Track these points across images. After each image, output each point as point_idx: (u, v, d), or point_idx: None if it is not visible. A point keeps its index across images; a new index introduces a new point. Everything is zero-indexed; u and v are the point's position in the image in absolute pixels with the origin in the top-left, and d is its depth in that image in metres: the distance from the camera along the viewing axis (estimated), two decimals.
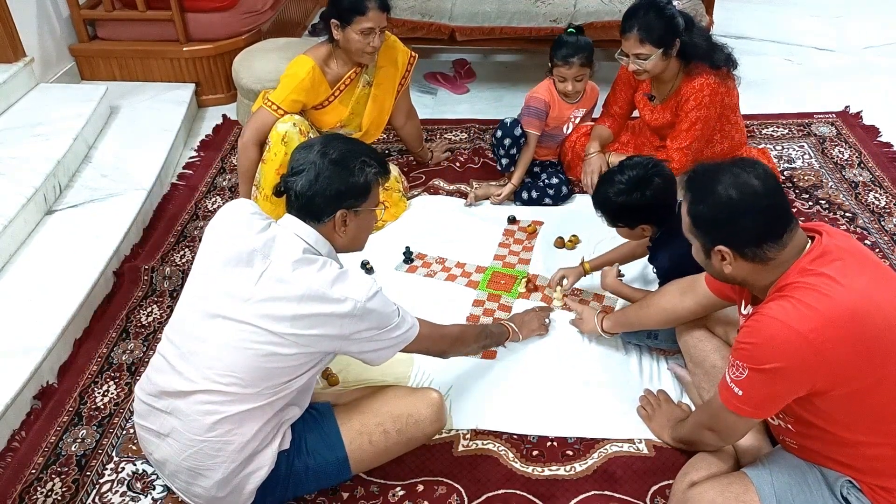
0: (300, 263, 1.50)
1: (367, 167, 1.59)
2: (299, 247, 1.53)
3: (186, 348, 1.54)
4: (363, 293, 1.50)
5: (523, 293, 2.35)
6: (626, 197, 1.91)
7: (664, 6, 2.35)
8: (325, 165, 1.55)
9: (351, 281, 1.52)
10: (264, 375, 1.50)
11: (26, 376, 1.99)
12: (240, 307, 1.50)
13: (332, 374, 2.04)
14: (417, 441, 1.79)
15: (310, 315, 1.48)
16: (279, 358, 1.50)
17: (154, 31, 3.50)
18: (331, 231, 1.60)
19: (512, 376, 2.05)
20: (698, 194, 1.43)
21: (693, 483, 1.56)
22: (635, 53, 2.38)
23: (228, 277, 1.52)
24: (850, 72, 3.75)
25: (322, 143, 1.60)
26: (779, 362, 1.32)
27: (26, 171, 2.62)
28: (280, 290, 1.48)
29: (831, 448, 1.44)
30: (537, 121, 2.69)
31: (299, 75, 2.46)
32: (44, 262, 2.40)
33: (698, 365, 1.86)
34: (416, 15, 3.36)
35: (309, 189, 1.55)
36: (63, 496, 1.79)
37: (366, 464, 1.73)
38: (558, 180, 2.76)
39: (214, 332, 1.51)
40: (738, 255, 1.39)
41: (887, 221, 2.63)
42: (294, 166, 1.58)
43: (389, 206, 2.70)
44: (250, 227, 1.57)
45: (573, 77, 2.59)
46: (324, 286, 1.48)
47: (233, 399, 1.50)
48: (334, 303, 1.48)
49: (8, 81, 3.01)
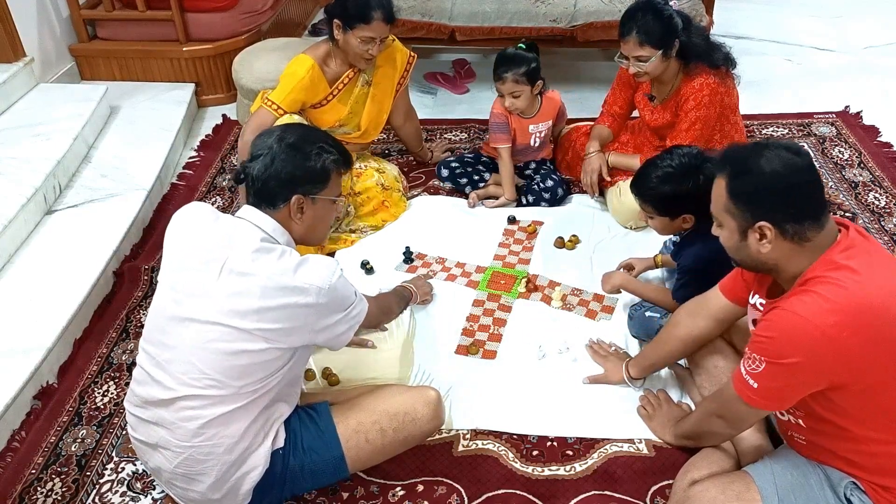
0: (259, 253, 1.48)
1: (325, 153, 1.59)
2: (257, 236, 1.52)
3: (161, 357, 1.53)
4: (325, 278, 1.49)
5: (523, 293, 2.35)
6: (676, 185, 1.87)
7: (662, 7, 2.34)
8: (280, 149, 1.55)
9: (312, 266, 1.50)
10: (239, 374, 1.49)
11: (26, 376, 2.00)
12: (205, 306, 1.48)
13: (333, 374, 2.04)
14: (415, 439, 1.78)
15: (274, 308, 1.46)
16: (250, 354, 1.48)
17: (154, 31, 3.50)
18: (287, 218, 1.58)
19: (512, 376, 2.05)
20: (739, 168, 1.38)
21: (694, 481, 1.56)
22: (635, 56, 2.37)
23: (191, 278, 1.51)
24: (850, 72, 3.75)
25: (281, 129, 1.61)
26: (797, 357, 1.31)
27: (26, 171, 2.62)
28: (241, 283, 1.47)
29: (839, 444, 1.43)
30: (503, 134, 2.70)
31: (299, 74, 2.46)
32: (44, 262, 2.40)
33: (699, 365, 1.86)
34: (416, 15, 3.36)
35: (264, 172, 1.54)
36: (63, 496, 1.79)
37: (363, 462, 1.72)
38: (553, 182, 2.76)
39: (184, 336, 1.49)
40: (778, 233, 1.36)
41: (887, 221, 2.63)
42: (253, 152, 1.58)
43: (389, 206, 2.70)
44: (206, 223, 1.57)
45: (508, 92, 2.59)
46: (285, 275, 1.47)
47: (213, 402, 1.49)
48: (297, 293, 1.47)
49: (8, 81, 3.01)
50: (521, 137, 2.74)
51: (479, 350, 2.15)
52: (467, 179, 2.83)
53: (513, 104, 2.61)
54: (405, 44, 2.75)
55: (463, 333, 2.21)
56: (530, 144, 2.77)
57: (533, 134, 2.74)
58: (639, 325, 2.11)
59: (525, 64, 2.55)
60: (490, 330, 2.22)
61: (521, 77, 2.55)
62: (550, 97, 2.74)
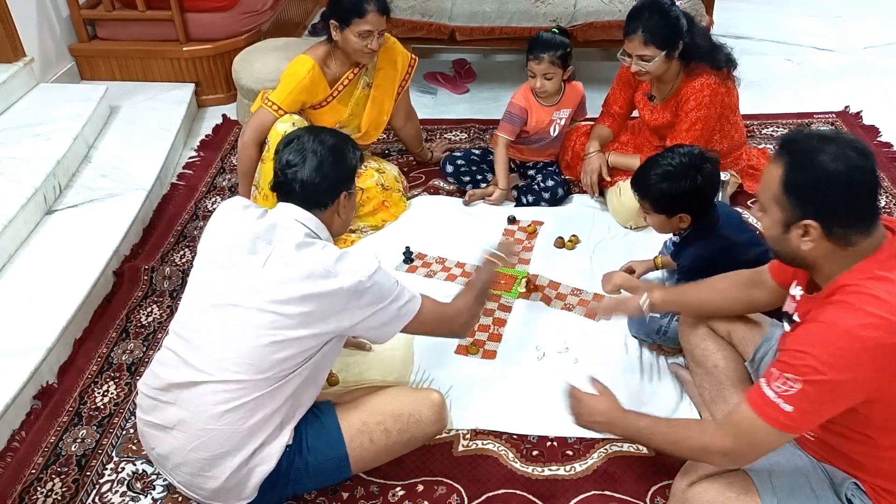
0: (303, 246, 1.55)
1: (356, 150, 1.72)
2: (301, 231, 1.58)
3: (197, 341, 1.56)
4: (366, 269, 1.55)
5: (523, 293, 2.35)
6: (675, 182, 1.87)
7: (669, 7, 2.34)
8: (325, 152, 1.63)
9: (353, 258, 1.57)
10: (273, 361, 1.52)
11: (26, 376, 1.99)
12: (248, 295, 1.53)
13: (333, 374, 2.04)
14: (418, 441, 1.79)
15: (316, 294, 1.51)
16: (289, 342, 1.52)
17: (154, 31, 3.50)
18: (331, 215, 1.67)
19: (512, 376, 2.05)
20: (800, 160, 1.29)
21: (693, 482, 1.56)
22: (639, 55, 2.37)
23: (233, 267, 1.56)
24: (850, 72, 3.75)
25: (312, 133, 1.68)
26: (838, 374, 1.23)
27: (26, 171, 2.62)
28: (286, 272, 1.52)
29: (854, 447, 1.40)
30: (511, 126, 2.73)
31: (300, 74, 2.46)
32: (44, 262, 2.40)
33: (700, 364, 1.85)
34: (416, 15, 3.36)
35: (316, 176, 1.61)
36: (63, 496, 1.79)
37: (366, 462, 1.73)
38: (554, 182, 2.76)
39: (224, 323, 1.54)
40: (824, 234, 1.28)
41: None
42: (290, 159, 1.63)
43: (389, 206, 2.70)
44: (248, 217, 1.62)
45: (542, 73, 2.61)
46: (328, 263, 1.53)
47: (242, 388, 1.52)
48: (339, 277, 1.52)
49: (8, 81, 3.01)
50: (541, 124, 2.75)
51: (479, 350, 2.15)
52: (470, 178, 2.83)
53: (543, 86, 2.63)
54: (405, 44, 2.75)
55: None
56: (550, 133, 2.78)
57: (554, 121, 2.75)
58: (639, 324, 2.11)
59: (562, 48, 2.59)
60: (490, 330, 2.22)
61: (557, 59, 2.59)
62: (574, 86, 2.77)
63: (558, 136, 2.80)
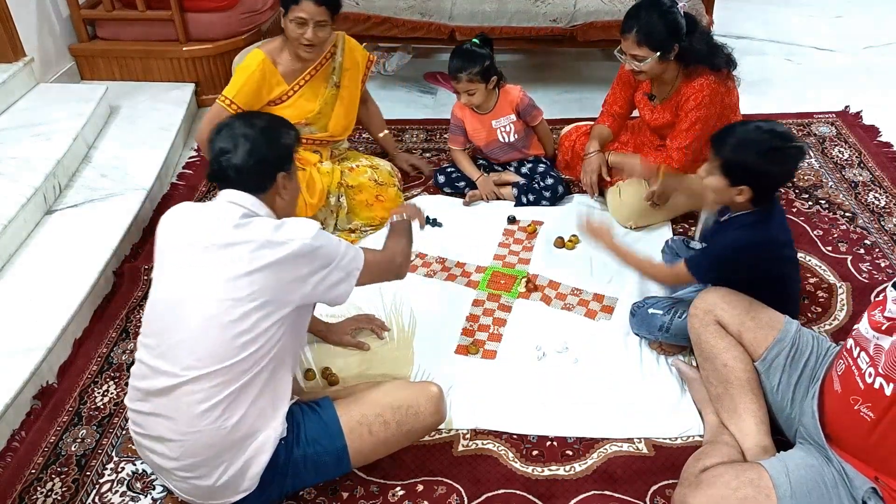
0: (241, 225, 1.55)
1: (290, 130, 1.72)
2: (237, 212, 1.58)
3: (162, 346, 1.55)
4: (308, 231, 1.56)
5: (523, 293, 2.35)
6: (757, 151, 1.77)
7: (667, 9, 2.33)
8: (257, 134, 1.62)
9: (294, 223, 1.58)
10: (241, 346, 1.51)
11: (26, 376, 1.99)
12: (198, 285, 1.53)
13: (333, 374, 2.04)
14: (416, 434, 1.77)
15: (263, 266, 1.51)
16: (250, 323, 1.51)
17: (154, 31, 3.50)
18: (272, 198, 1.66)
19: (512, 376, 2.05)
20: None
21: (706, 468, 1.56)
22: (632, 54, 2.38)
23: (180, 264, 1.57)
24: (850, 72, 3.75)
25: (243, 118, 1.68)
26: None
27: (26, 171, 2.62)
28: (228, 254, 1.52)
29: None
30: (455, 137, 2.82)
31: (250, 67, 2.47)
32: (44, 262, 2.40)
33: (708, 360, 1.82)
34: (415, 15, 3.36)
35: (249, 160, 1.60)
36: (63, 496, 1.79)
37: (365, 455, 1.71)
38: (553, 180, 2.76)
39: (184, 319, 1.53)
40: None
41: (887, 221, 2.63)
42: (222, 146, 1.61)
43: (385, 201, 2.70)
44: (190, 215, 1.64)
45: (463, 90, 2.65)
46: (268, 234, 1.54)
47: (217, 383, 1.50)
48: (283, 245, 1.53)
49: (8, 81, 3.01)
50: (487, 134, 2.77)
51: (479, 350, 2.15)
52: (465, 182, 2.84)
53: (469, 101, 2.68)
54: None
55: (463, 333, 2.21)
56: (500, 140, 2.78)
57: (498, 129, 2.76)
58: (641, 321, 2.11)
59: (479, 62, 2.60)
60: (490, 330, 2.22)
61: (475, 76, 2.61)
62: (508, 91, 2.75)
63: (518, 139, 2.79)
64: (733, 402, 1.74)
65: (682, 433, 1.88)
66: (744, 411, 1.72)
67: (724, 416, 1.77)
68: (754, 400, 1.73)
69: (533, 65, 4.01)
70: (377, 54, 3.88)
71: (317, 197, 2.56)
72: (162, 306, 1.58)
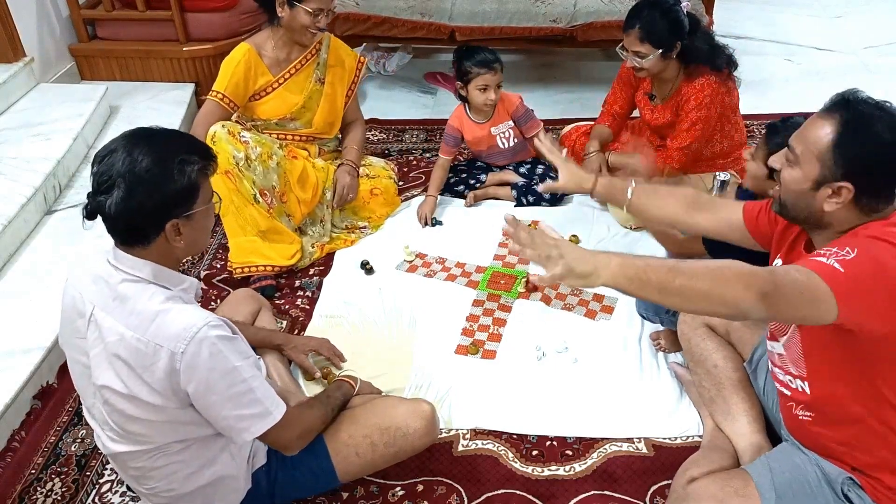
0: (118, 299, 1.34)
1: (188, 165, 1.32)
2: (116, 278, 1.35)
3: (91, 417, 1.50)
4: (187, 329, 1.29)
5: (523, 293, 2.35)
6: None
7: (670, 7, 2.34)
8: (135, 178, 1.28)
9: (178, 314, 1.30)
10: (157, 433, 1.40)
11: (26, 376, 2.00)
12: (86, 374, 1.41)
13: (331, 372, 2.04)
14: (406, 454, 1.69)
15: (128, 376, 1.32)
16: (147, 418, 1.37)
17: (154, 31, 3.50)
18: (162, 246, 1.35)
19: (512, 376, 2.05)
20: (856, 123, 1.29)
21: (693, 479, 1.56)
22: (634, 51, 2.38)
23: (75, 343, 1.44)
24: (850, 72, 3.75)
25: (126, 150, 1.30)
26: (880, 269, 1.21)
27: (26, 171, 2.62)
28: (97, 346, 1.36)
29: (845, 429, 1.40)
30: (447, 146, 2.79)
31: (235, 58, 2.48)
32: (44, 261, 2.40)
33: (699, 363, 1.85)
34: (416, 15, 3.36)
35: (124, 210, 1.29)
36: (63, 496, 1.79)
37: (352, 475, 1.68)
38: (552, 180, 2.76)
39: (95, 396, 1.43)
40: (854, 198, 1.29)
41: None
42: (100, 181, 1.30)
43: (379, 194, 2.70)
44: (82, 272, 1.45)
45: (496, 84, 2.63)
46: (139, 329, 1.30)
47: (151, 454, 1.42)
48: (151, 354, 1.30)
49: (8, 81, 3.01)
50: (487, 140, 2.78)
51: (478, 350, 2.15)
52: (464, 185, 2.84)
53: (497, 95, 2.66)
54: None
55: (463, 333, 2.21)
56: (500, 146, 2.79)
57: (497, 136, 2.77)
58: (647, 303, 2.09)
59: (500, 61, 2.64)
60: (490, 330, 2.22)
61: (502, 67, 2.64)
62: (505, 98, 2.76)
63: (518, 143, 2.80)
64: (726, 403, 1.75)
65: (682, 433, 1.88)
66: (737, 412, 1.73)
67: (719, 419, 1.77)
68: (746, 399, 1.74)
69: (533, 65, 4.02)
70: (377, 54, 3.88)
71: (310, 192, 2.56)
72: (78, 381, 1.48)
